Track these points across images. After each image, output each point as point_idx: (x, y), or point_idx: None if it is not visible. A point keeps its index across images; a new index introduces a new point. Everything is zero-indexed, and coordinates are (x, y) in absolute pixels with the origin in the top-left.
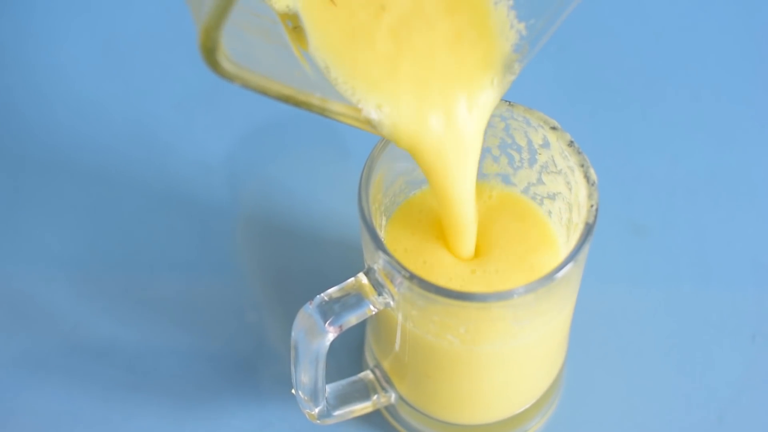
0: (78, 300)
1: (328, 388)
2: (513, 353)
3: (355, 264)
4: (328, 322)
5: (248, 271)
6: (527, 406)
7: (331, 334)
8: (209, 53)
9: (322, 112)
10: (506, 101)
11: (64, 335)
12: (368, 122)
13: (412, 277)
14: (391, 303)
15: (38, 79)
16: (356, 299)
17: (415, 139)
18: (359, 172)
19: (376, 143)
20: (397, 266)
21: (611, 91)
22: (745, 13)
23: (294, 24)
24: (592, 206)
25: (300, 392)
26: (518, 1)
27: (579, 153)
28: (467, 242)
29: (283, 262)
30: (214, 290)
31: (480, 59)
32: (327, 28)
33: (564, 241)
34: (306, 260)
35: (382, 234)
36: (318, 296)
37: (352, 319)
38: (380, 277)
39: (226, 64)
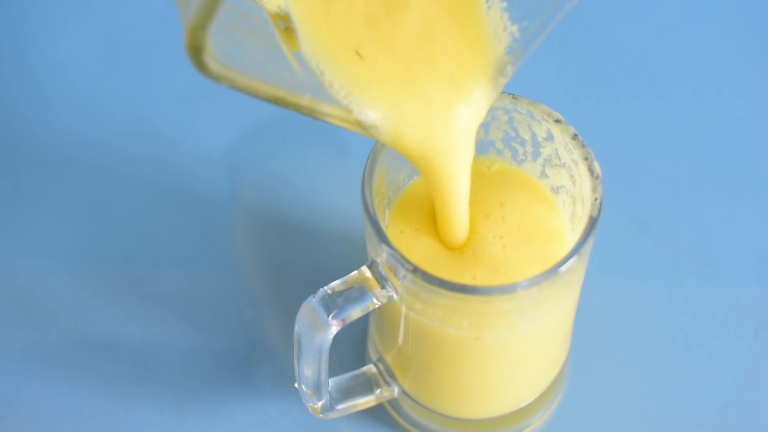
0: (80, 294)
1: (331, 381)
2: (516, 346)
3: (357, 259)
4: (331, 316)
5: (250, 265)
6: (530, 400)
7: (335, 328)
8: (196, 53)
9: (311, 114)
10: (510, 94)
11: (65, 329)
12: (358, 124)
13: (416, 270)
14: (395, 296)
15: (39, 75)
16: (359, 292)
17: (406, 142)
18: (361, 167)
19: None
20: (400, 259)
21: (615, 86)
22: (748, 8)
23: (285, 24)
24: (596, 199)
25: (303, 386)
26: (512, 4)
27: (583, 146)
28: (459, 234)
29: (285, 257)
30: (216, 285)
31: (473, 63)
32: (323, 38)
33: (568, 235)
34: (308, 255)
35: (385, 225)
36: (321, 289)
37: (355, 313)
38: (384, 270)
39: (213, 65)
